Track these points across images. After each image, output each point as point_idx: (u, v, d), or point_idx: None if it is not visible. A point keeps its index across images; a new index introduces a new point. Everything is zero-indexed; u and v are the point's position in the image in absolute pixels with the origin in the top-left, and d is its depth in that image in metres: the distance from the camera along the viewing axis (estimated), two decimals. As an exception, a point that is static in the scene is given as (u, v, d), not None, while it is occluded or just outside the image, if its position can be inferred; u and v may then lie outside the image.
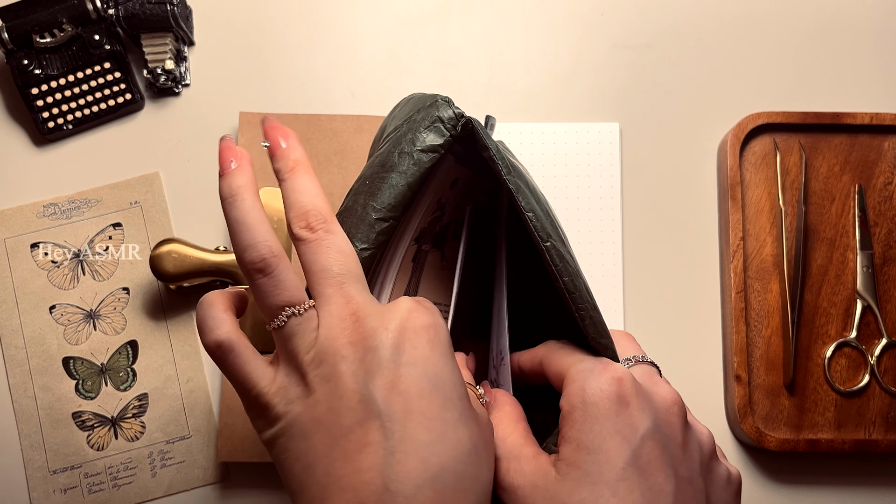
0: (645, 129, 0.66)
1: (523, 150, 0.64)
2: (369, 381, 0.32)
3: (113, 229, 0.64)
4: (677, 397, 0.37)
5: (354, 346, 0.33)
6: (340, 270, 0.35)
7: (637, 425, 0.34)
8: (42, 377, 0.62)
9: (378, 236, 0.38)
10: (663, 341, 0.63)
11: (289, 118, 0.64)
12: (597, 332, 0.37)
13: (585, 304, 0.37)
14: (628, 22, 0.68)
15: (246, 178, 0.37)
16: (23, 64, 0.63)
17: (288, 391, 0.34)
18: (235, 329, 0.36)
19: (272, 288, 0.35)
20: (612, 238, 0.63)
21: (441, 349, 0.34)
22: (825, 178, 0.64)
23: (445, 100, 0.39)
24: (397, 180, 0.38)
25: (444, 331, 0.35)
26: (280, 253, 0.35)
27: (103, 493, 0.61)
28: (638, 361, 0.39)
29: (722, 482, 0.37)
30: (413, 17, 0.68)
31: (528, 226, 0.37)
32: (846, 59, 0.67)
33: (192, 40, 0.67)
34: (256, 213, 0.36)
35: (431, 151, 0.38)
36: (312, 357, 0.34)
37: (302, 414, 0.34)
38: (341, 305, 0.34)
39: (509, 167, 0.37)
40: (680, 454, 0.35)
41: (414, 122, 0.39)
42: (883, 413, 0.60)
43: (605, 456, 0.33)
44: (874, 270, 0.62)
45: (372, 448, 0.32)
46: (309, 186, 0.37)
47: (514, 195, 0.37)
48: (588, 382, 0.35)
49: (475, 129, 0.38)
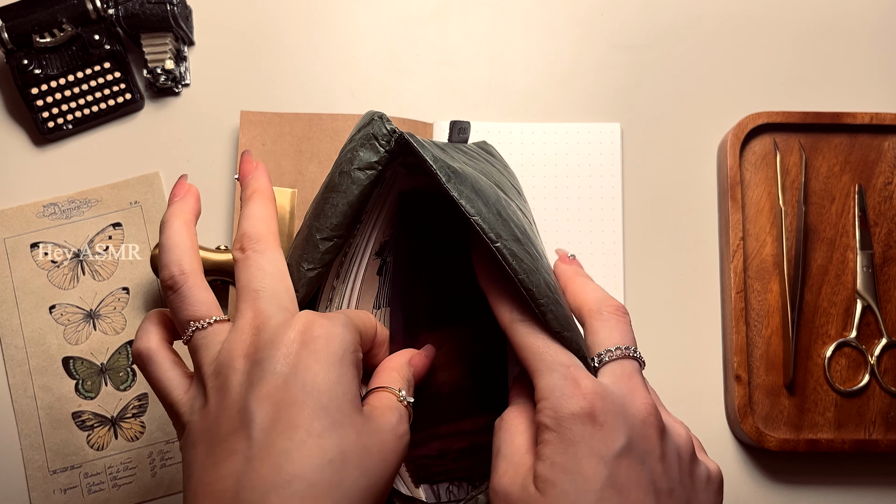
0: (645, 129, 0.66)
1: (524, 150, 0.64)
2: (250, 391, 0.34)
3: (113, 229, 0.64)
4: (651, 407, 0.36)
5: (247, 359, 0.35)
6: (257, 287, 0.37)
7: (612, 445, 0.34)
8: (42, 377, 0.62)
9: (323, 255, 0.40)
10: (663, 341, 0.63)
11: (290, 117, 0.64)
12: (560, 326, 0.37)
13: (545, 300, 0.37)
14: (628, 22, 0.68)
15: (179, 209, 0.40)
16: (23, 64, 0.63)
17: (194, 402, 0.36)
18: (159, 340, 0.39)
19: (179, 304, 0.38)
20: (613, 238, 0.63)
21: (327, 358, 0.34)
22: (825, 178, 0.64)
23: (380, 116, 0.40)
24: (338, 200, 0.40)
25: (339, 340, 0.35)
26: (190, 271, 0.38)
27: (103, 493, 0.61)
28: (621, 355, 0.37)
29: (703, 484, 0.37)
30: (413, 17, 0.68)
31: (474, 228, 0.37)
32: (846, 59, 0.67)
33: (192, 40, 0.67)
34: (178, 236, 0.39)
35: (368, 169, 0.40)
36: (213, 369, 0.36)
37: (196, 423, 0.35)
38: (248, 320, 0.36)
39: (449, 174, 0.38)
40: (658, 467, 0.35)
41: (353, 140, 0.41)
42: (883, 413, 0.60)
43: (581, 477, 0.33)
44: (874, 270, 0.62)
45: (236, 456, 0.33)
46: (255, 212, 0.40)
47: (458, 200, 0.37)
48: (560, 404, 0.35)
49: (409, 142, 0.39)
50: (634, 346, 0.38)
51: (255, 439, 0.33)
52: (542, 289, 0.37)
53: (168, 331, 0.40)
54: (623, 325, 0.39)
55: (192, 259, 0.38)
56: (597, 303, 0.40)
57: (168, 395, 0.37)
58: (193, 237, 0.40)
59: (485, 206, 0.38)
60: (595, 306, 0.39)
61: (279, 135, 0.63)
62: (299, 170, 0.63)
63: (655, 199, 0.65)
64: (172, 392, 0.37)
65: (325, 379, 0.34)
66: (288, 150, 0.63)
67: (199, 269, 0.39)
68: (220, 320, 0.37)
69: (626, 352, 0.38)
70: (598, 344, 0.38)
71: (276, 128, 0.63)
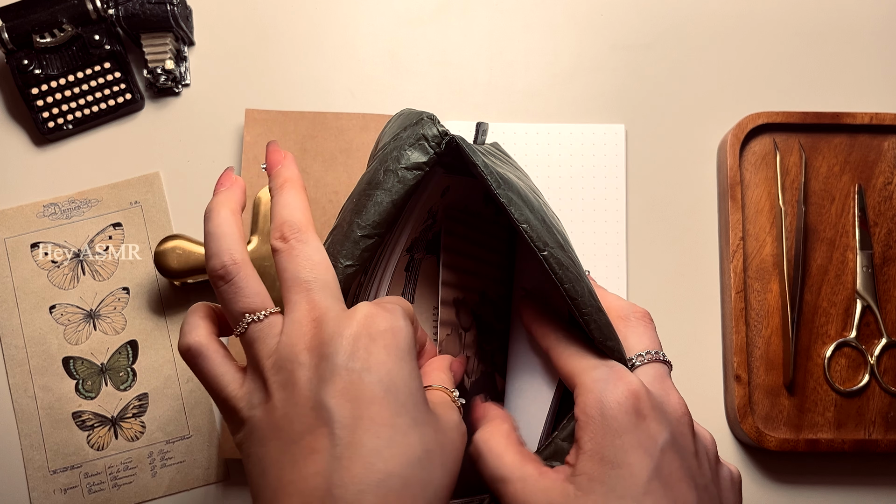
0: (644, 129, 0.66)
1: (528, 150, 0.64)
2: (322, 387, 0.33)
3: (113, 229, 0.64)
4: (685, 407, 0.37)
5: (311, 353, 0.34)
6: (308, 277, 0.36)
7: (656, 438, 0.34)
8: (42, 377, 0.62)
9: (363, 253, 0.39)
10: (664, 341, 0.62)
11: (295, 116, 0.64)
12: (602, 336, 0.37)
13: (589, 309, 0.37)
14: (628, 22, 0.68)
15: (225, 197, 0.39)
16: (23, 64, 0.63)
17: (252, 396, 0.35)
18: (208, 334, 0.37)
19: (233, 295, 0.36)
20: (617, 240, 0.63)
21: (398, 353, 0.34)
22: (825, 178, 0.64)
23: (430, 117, 0.40)
24: (382, 198, 0.39)
25: (404, 334, 0.35)
26: (242, 261, 0.36)
27: (103, 492, 0.61)
28: (651, 359, 0.38)
29: (728, 483, 0.38)
30: (413, 17, 0.68)
31: (523, 237, 0.37)
32: (846, 59, 0.67)
33: (192, 40, 0.67)
34: (226, 226, 0.37)
35: (416, 169, 0.39)
36: (273, 363, 0.35)
37: (261, 419, 0.34)
38: (304, 312, 0.35)
39: (499, 180, 0.38)
40: (695, 463, 0.35)
41: (400, 139, 0.40)
42: (883, 413, 0.60)
43: (628, 470, 0.33)
44: (874, 270, 0.62)
45: (319, 454, 0.32)
46: (290, 201, 0.38)
47: (507, 208, 0.37)
48: (605, 395, 0.35)
49: (460, 147, 0.39)
50: (662, 350, 0.39)
51: (340, 437, 0.32)
52: (587, 298, 0.37)
53: (215, 324, 0.38)
54: (651, 330, 0.40)
55: (242, 248, 0.37)
56: (624, 309, 0.41)
57: (223, 391, 0.36)
58: (240, 227, 0.38)
59: (531, 214, 0.38)
60: (623, 313, 0.40)
61: (283, 133, 0.63)
62: (303, 168, 0.63)
63: (655, 199, 0.65)
64: (227, 387, 0.36)
65: (400, 374, 0.33)
66: (292, 149, 0.63)
67: (249, 259, 0.37)
68: (275, 312, 0.36)
69: (656, 356, 0.38)
70: (629, 349, 0.39)
71: (280, 126, 0.64)
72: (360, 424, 0.32)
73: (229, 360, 0.37)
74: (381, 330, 0.34)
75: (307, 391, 0.33)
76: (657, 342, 0.39)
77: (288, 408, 0.33)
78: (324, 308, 0.35)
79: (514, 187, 0.38)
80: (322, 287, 0.36)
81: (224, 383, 0.36)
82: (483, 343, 0.46)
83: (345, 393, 0.32)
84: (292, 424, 0.33)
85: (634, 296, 0.63)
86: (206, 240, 0.37)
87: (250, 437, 0.34)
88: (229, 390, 0.36)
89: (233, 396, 0.35)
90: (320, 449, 0.32)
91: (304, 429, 0.33)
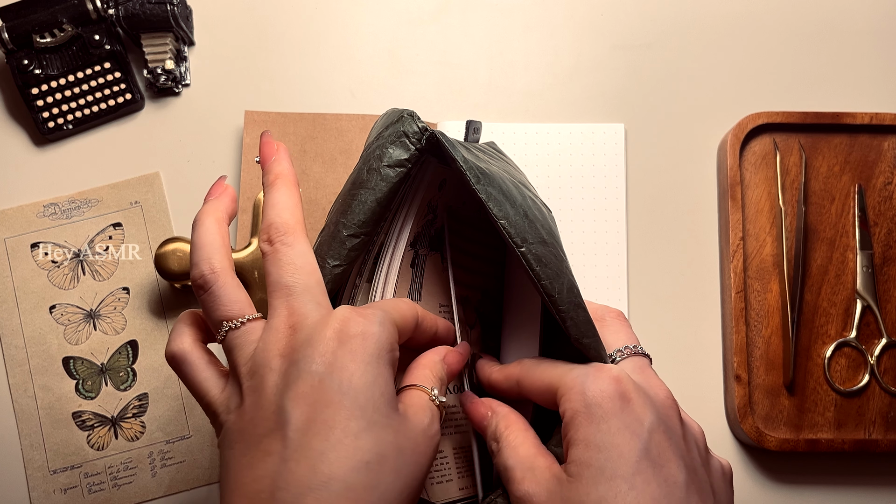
0: (644, 129, 0.66)
1: (528, 150, 0.64)
2: (286, 391, 0.33)
3: (113, 229, 0.64)
4: (670, 392, 0.37)
5: (283, 358, 0.34)
6: (289, 282, 0.36)
7: (642, 419, 0.34)
8: (42, 377, 0.62)
9: (349, 252, 0.39)
10: (663, 341, 0.63)
11: (294, 117, 0.64)
12: (579, 332, 0.37)
13: (566, 305, 0.37)
14: (628, 22, 0.68)
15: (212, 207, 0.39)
16: (23, 64, 0.63)
17: (230, 401, 0.36)
18: (192, 342, 0.38)
19: (211, 303, 0.37)
20: (617, 239, 0.63)
21: (364, 357, 0.34)
22: (825, 178, 0.64)
23: (410, 114, 0.40)
24: (366, 197, 0.39)
25: (375, 339, 0.35)
26: (221, 270, 0.37)
27: (103, 492, 0.61)
28: (630, 353, 0.39)
29: (719, 473, 0.38)
30: (413, 17, 0.68)
31: (501, 233, 0.37)
32: (846, 59, 0.67)
33: (192, 40, 0.67)
34: (208, 235, 0.38)
35: (398, 166, 0.39)
36: (248, 369, 0.35)
37: (234, 423, 0.35)
38: (283, 318, 0.36)
39: (479, 175, 0.38)
40: (683, 445, 0.36)
41: (382, 137, 0.41)
42: (883, 413, 0.60)
43: (616, 451, 0.34)
44: (874, 270, 0.62)
45: (271, 457, 0.32)
46: (280, 200, 0.38)
47: (486, 203, 0.37)
48: (587, 385, 0.35)
49: (440, 142, 0.39)
50: (640, 344, 0.40)
51: (291, 440, 0.32)
52: (564, 295, 0.37)
53: (202, 331, 0.39)
54: (627, 327, 0.41)
55: (222, 257, 0.37)
56: (598, 311, 0.42)
57: (204, 396, 0.37)
58: (225, 236, 0.38)
59: (512, 209, 0.38)
60: (597, 314, 0.41)
61: (283, 134, 0.63)
62: (303, 169, 0.63)
63: (655, 198, 0.65)
64: (208, 392, 0.37)
65: (362, 379, 0.33)
66: (292, 150, 0.63)
67: (230, 267, 0.38)
68: (254, 318, 0.37)
69: (635, 349, 0.39)
70: (608, 346, 0.40)
71: (279, 127, 0.64)
72: (311, 428, 0.32)
73: (213, 365, 0.38)
74: (351, 335, 0.34)
75: (272, 395, 0.34)
76: (634, 338, 0.40)
77: (254, 411, 0.34)
78: (302, 314, 0.35)
79: (494, 182, 0.39)
80: (303, 291, 0.36)
81: (206, 389, 0.37)
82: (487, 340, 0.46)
83: (305, 396, 0.33)
84: (256, 428, 0.34)
85: (634, 295, 0.63)
86: (190, 249, 0.38)
87: (224, 441, 0.35)
88: (211, 396, 0.37)
89: (213, 401, 0.36)
90: (273, 451, 0.33)
91: (264, 432, 0.33)
